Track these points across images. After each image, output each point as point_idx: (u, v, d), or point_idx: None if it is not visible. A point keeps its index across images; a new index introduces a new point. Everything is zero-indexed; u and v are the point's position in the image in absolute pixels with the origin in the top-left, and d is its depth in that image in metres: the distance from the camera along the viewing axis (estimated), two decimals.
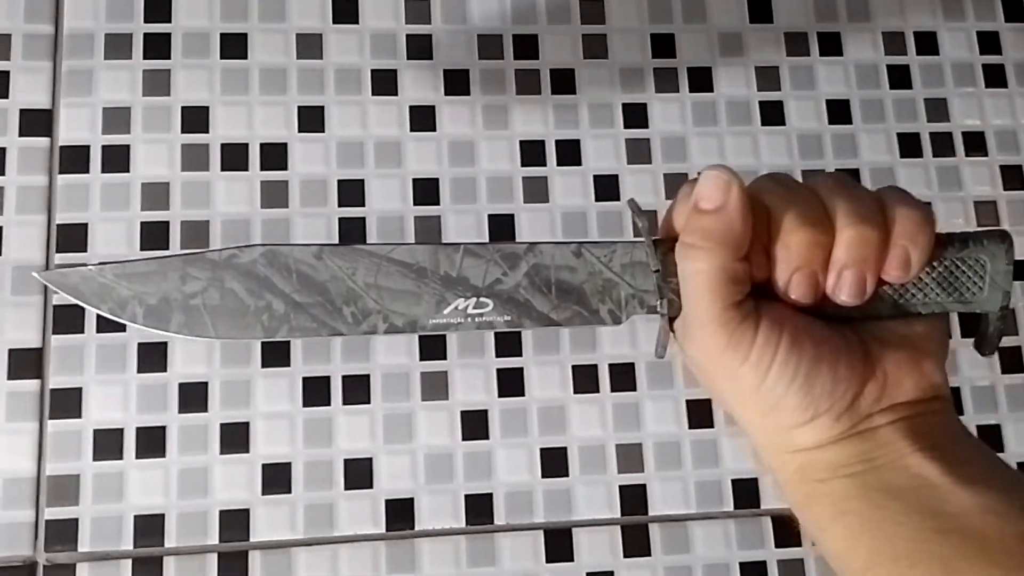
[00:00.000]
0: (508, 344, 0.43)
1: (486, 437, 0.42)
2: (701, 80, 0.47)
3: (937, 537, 0.24)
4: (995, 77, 0.49)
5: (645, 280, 0.28)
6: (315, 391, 0.42)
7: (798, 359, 0.25)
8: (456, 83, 0.45)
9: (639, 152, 0.46)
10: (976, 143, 0.48)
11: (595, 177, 0.45)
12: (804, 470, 0.26)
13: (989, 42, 0.50)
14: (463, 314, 0.28)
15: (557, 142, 0.45)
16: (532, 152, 0.45)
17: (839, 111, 0.47)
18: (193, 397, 0.41)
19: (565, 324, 0.28)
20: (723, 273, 0.25)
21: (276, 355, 0.42)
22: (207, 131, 0.43)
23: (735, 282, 0.25)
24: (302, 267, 0.29)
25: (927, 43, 0.49)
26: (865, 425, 0.26)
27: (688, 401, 0.43)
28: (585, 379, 0.43)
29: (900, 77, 0.48)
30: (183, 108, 0.44)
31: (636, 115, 0.46)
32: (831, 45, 0.48)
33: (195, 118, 0.44)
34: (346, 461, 0.41)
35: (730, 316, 0.25)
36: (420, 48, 0.46)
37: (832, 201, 0.25)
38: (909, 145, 0.47)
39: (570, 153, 0.45)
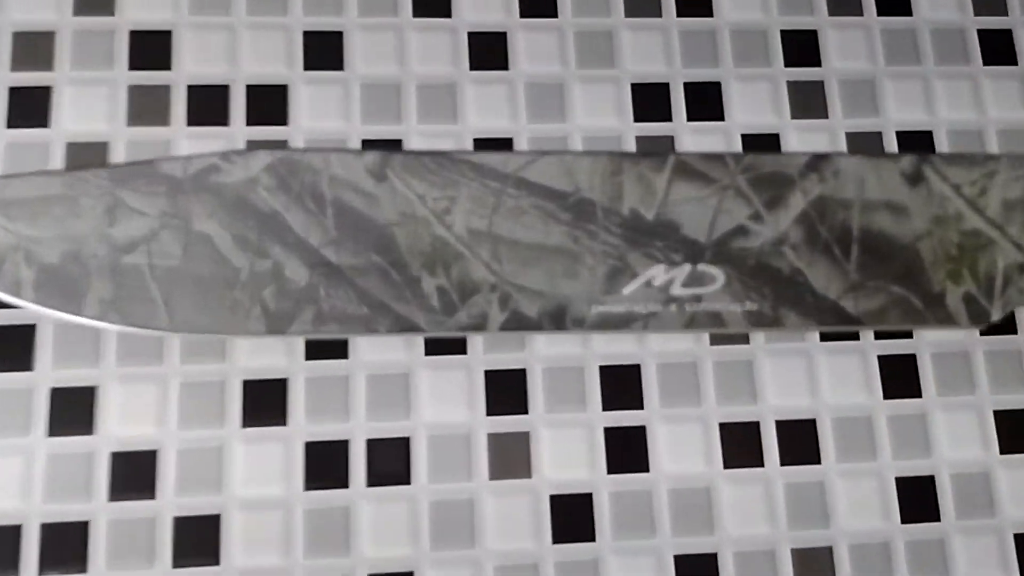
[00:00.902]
0: (621, 389, 0.28)
1: (591, 538, 0.27)
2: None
3: None
4: None
5: None
6: (324, 465, 0.27)
7: None
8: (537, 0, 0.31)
9: (808, 100, 0.31)
10: None
11: (744, 137, 0.30)
12: None
13: None
14: (662, 296, 0.14)
15: (687, 86, 0.30)
16: (650, 100, 0.30)
17: None
18: (134, 475, 0.26)
19: (868, 323, 0.14)
20: None
21: (264, 406, 0.27)
22: (168, 67, 0.29)
23: None
24: (346, 196, 0.15)
25: None
26: None
27: (900, 480, 0.28)
28: (741, 443, 0.28)
29: None
30: (132, 34, 0.29)
31: (803, 48, 0.31)
32: None
33: (150, 49, 0.29)
34: None
35: None
36: None
37: None
38: None
39: (706, 102, 0.30)
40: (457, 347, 0.28)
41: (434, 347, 0.28)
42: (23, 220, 0.15)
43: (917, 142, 0.31)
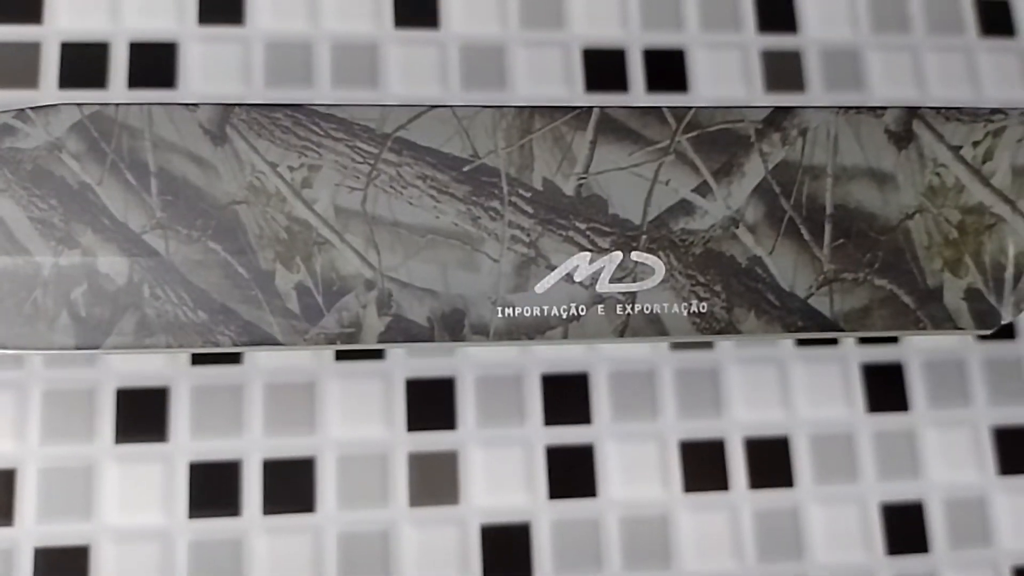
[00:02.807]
0: (566, 401, 0.24)
1: (527, 573, 0.23)
2: None
3: None
4: None
5: None
6: (213, 489, 0.23)
7: None
8: None
9: (783, 72, 0.27)
10: None
11: None
12: None
13: None
14: (586, 294, 0.11)
15: (646, 54, 0.27)
16: (604, 68, 0.26)
17: None
18: None
19: (848, 327, 0.11)
20: None
21: (142, 421, 0.23)
22: (39, 21, 0.25)
23: None
24: (176, 164, 0.12)
25: None
26: None
27: (885, 506, 0.24)
28: (703, 463, 0.24)
29: None
30: None
31: (777, 13, 0.27)
32: None
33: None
34: None
35: None
36: None
37: None
38: None
39: (668, 72, 0.26)
40: (373, 350, 0.24)
41: (345, 350, 0.24)
42: None
43: None
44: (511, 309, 0.12)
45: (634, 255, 0.11)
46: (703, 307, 0.11)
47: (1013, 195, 0.11)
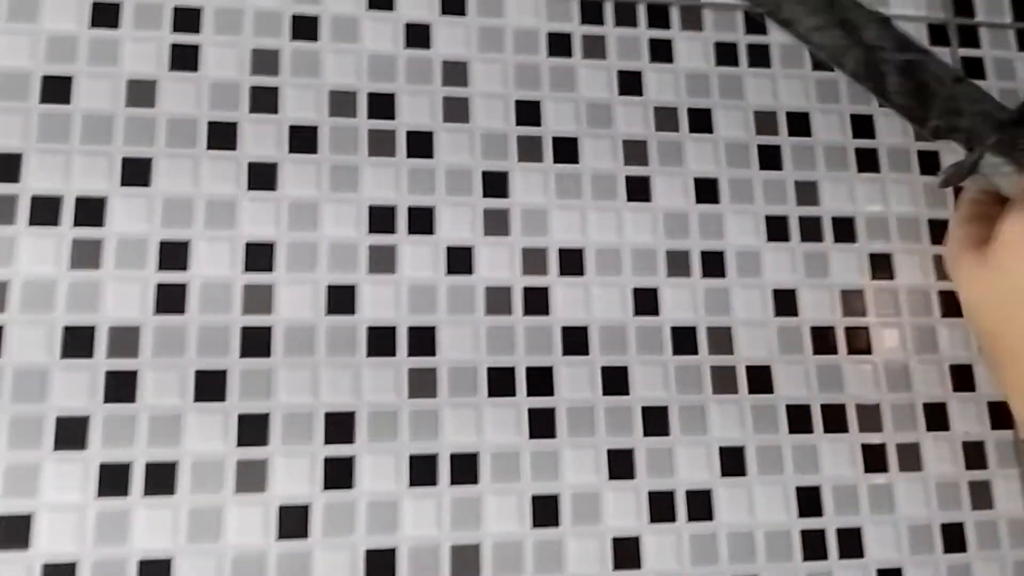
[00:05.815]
0: (339, 429, 0.39)
1: (304, 535, 0.38)
2: (567, 151, 0.45)
3: None
4: (867, 162, 0.49)
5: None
6: (112, 480, 0.37)
7: None
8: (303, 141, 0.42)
9: (497, 223, 0.43)
10: (845, 229, 0.47)
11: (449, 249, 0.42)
12: None
13: (862, 126, 0.49)
14: None
15: (410, 209, 0.42)
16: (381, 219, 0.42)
17: (706, 190, 0.46)
18: None
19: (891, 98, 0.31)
20: None
21: (69, 438, 0.37)
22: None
23: None
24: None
25: (799, 124, 0.48)
26: None
27: (535, 497, 0.40)
28: (423, 470, 0.39)
29: (770, 157, 0.47)
30: None
31: (497, 184, 0.44)
32: (701, 121, 0.47)
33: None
34: (141, 563, 0.36)
35: None
36: (265, 101, 0.42)
37: None
38: (777, 228, 0.46)
39: (423, 221, 0.42)
40: None
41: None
42: None
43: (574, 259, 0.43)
44: None
45: None
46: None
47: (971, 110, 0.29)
